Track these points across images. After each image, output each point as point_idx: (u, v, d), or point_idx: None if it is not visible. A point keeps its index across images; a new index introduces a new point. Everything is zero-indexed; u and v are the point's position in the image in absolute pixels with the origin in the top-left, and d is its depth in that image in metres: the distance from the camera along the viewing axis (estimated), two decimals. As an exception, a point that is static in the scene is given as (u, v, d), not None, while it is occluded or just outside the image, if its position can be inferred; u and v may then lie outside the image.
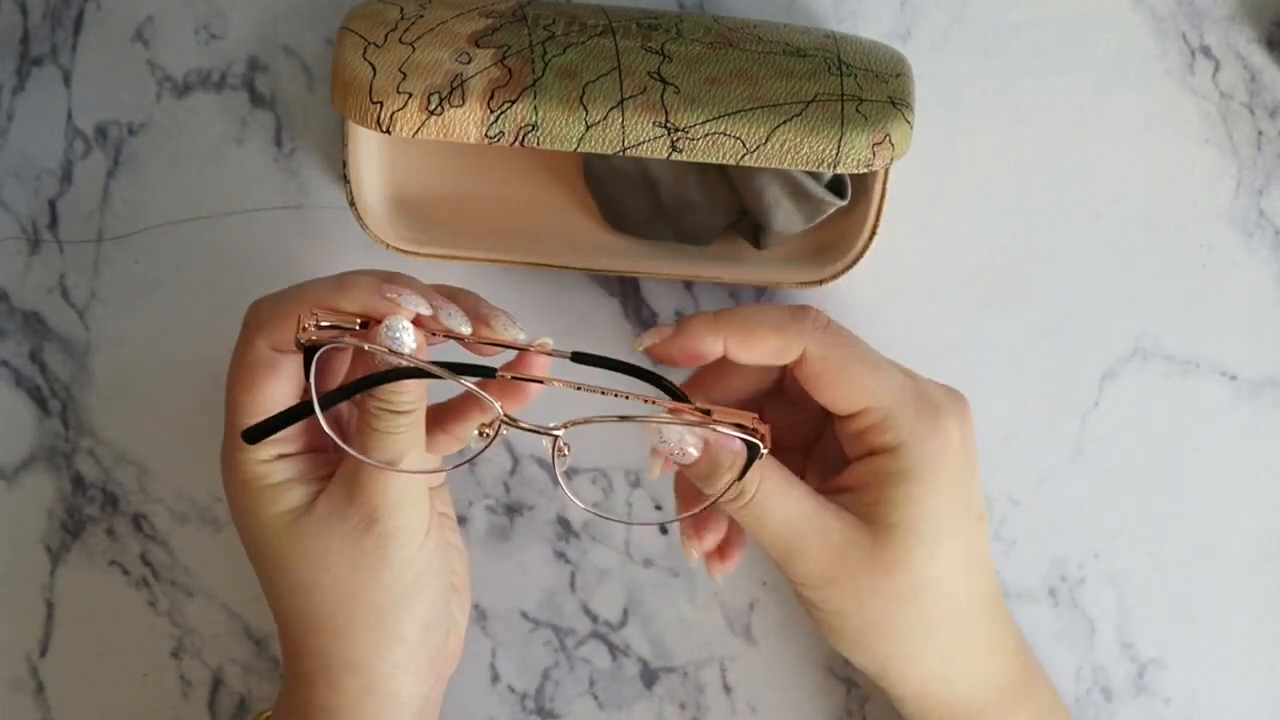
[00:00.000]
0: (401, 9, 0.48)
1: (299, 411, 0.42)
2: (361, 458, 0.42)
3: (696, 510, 0.45)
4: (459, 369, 0.41)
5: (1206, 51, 0.52)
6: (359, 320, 0.41)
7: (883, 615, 0.44)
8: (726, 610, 0.53)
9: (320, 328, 0.41)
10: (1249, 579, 0.52)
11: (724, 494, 0.43)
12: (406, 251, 0.50)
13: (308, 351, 0.41)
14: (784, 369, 0.44)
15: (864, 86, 0.46)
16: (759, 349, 0.43)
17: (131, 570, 0.53)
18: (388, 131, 0.45)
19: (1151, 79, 0.52)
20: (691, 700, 0.53)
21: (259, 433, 0.42)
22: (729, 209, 0.50)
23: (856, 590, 0.44)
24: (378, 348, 0.40)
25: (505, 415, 0.42)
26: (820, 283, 0.50)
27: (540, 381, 0.42)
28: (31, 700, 0.53)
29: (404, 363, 0.40)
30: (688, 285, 0.53)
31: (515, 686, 0.53)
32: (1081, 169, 0.52)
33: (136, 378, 0.53)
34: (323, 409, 0.41)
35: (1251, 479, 0.53)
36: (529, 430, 0.42)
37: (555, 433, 0.42)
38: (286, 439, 0.43)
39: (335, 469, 0.44)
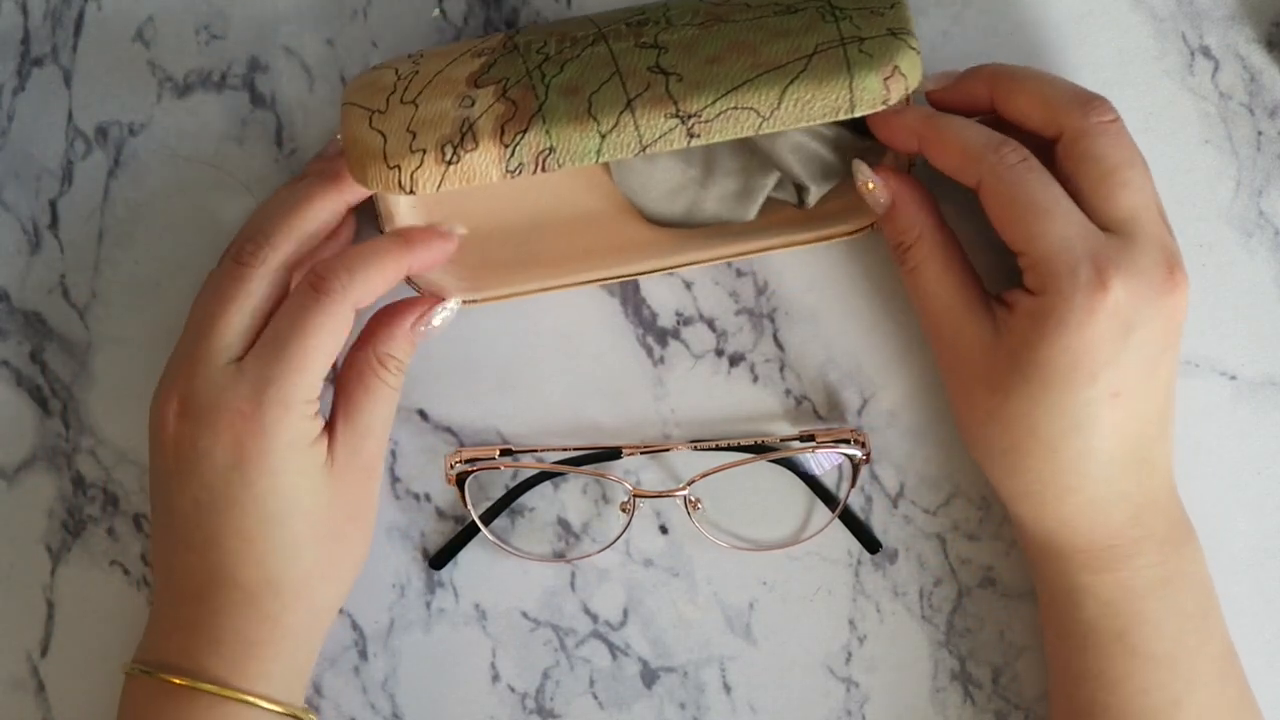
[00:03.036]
0: (396, 70, 0.48)
1: (470, 532, 0.52)
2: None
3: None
4: (582, 460, 0.52)
5: (1206, 52, 0.52)
6: (498, 451, 0.52)
7: (981, 427, 0.47)
8: (726, 610, 0.53)
9: (464, 463, 0.51)
10: (1248, 579, 0.52)
11: (895, 250, 0.48)
12: (466, 301, 0.50)
13: (460, 482, 0.51)
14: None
15: (861, 26, 0.46)
16: (943, 161, 0.46)
17: (132, 570, 0.53)
18: (411, 192, 0.45)
19: (1151, 79, 0.52)
20: (691, 700, 0.53)
21: (446, 557, 0.52)
22: (765, 178, 0.50)
23: (968, 393, 0.47)
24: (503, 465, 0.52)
25: (636, 489, 0.51)
26: (872, 226, 0.50)
27: (667, 450, 0.52)
28: (32, 700, 0.53)
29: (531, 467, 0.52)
30: (687, 285, 0.53)
31: (515, 686, 0.54)
32: (1081, 169, 0.52)
33: (137, 378, 0.52)
34: (486, 525, 0.52)
35: (1251, 479, 0.53)
36: (659, 495, 0.51)
37: (682, 492, 0.51)
38: (314, 401, 0.46)
39: (323, 430, 0.47)
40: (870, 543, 0.52)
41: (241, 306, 0.46)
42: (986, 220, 0.46)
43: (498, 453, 0.52)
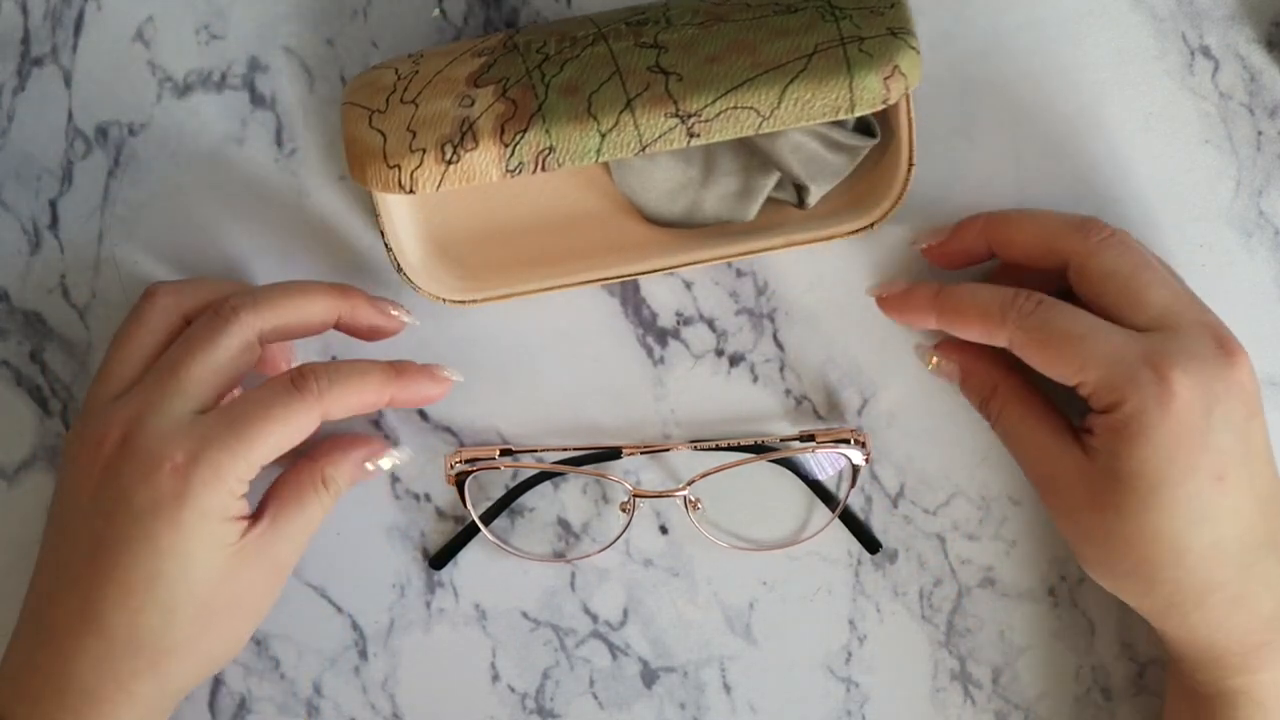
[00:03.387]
0: (396, 70, 0.48)
1: (469, 533, 0.52)
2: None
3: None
4: (582, 460, 0.52)
5: (1206, 51, 0.52)
6: (498, 451, 0.52)
7: (1104, 554, 0.46)
8: (726, 610, 0.53)
9: (464, 463, 0.51)
10: (1249, 579, 0.52)
11: (979, 408, 0.50)
12: (463, 302, 0.50)
13: (459, 483, 0.51)
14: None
15: (861, 25, 0.46)
16: (967, 332, 0.48)
17: (132, 570, 0.53)
18: (411, 192, 0.45)
19: (1151, 79, 0.52)
20: (691, 700, 0.53)
21: (446, 557, 0.52)
22: (764, 178, 0.50)
23: (1080, 525, 0.47)
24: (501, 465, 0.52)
25: (636, 489, 0.51)
26: (872, 225, 0.50)
27: (667, 450, 0.52)
28: (32, 700, 0.53)
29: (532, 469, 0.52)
30: (687, 285, 0.53)
31: (515, 686, 0.53)
32: (1081, 169, 0.52)
33: (137, 378, 0.52)
34: (486, 525, 0.52)
35: (1251, 479, 0.53)
36: (659, 496, 0.51)
37: (682, 493, 0.51)
38: (246, 481, 0.45)
39: (244, 514, 0.46)
40: (870, 543, 0.52)
41: (207, 357, 0.45)
42: None
43: (497, 453, 0.52)
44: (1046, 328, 0.45)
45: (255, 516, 0.47)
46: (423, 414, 0.53)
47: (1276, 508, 0.46)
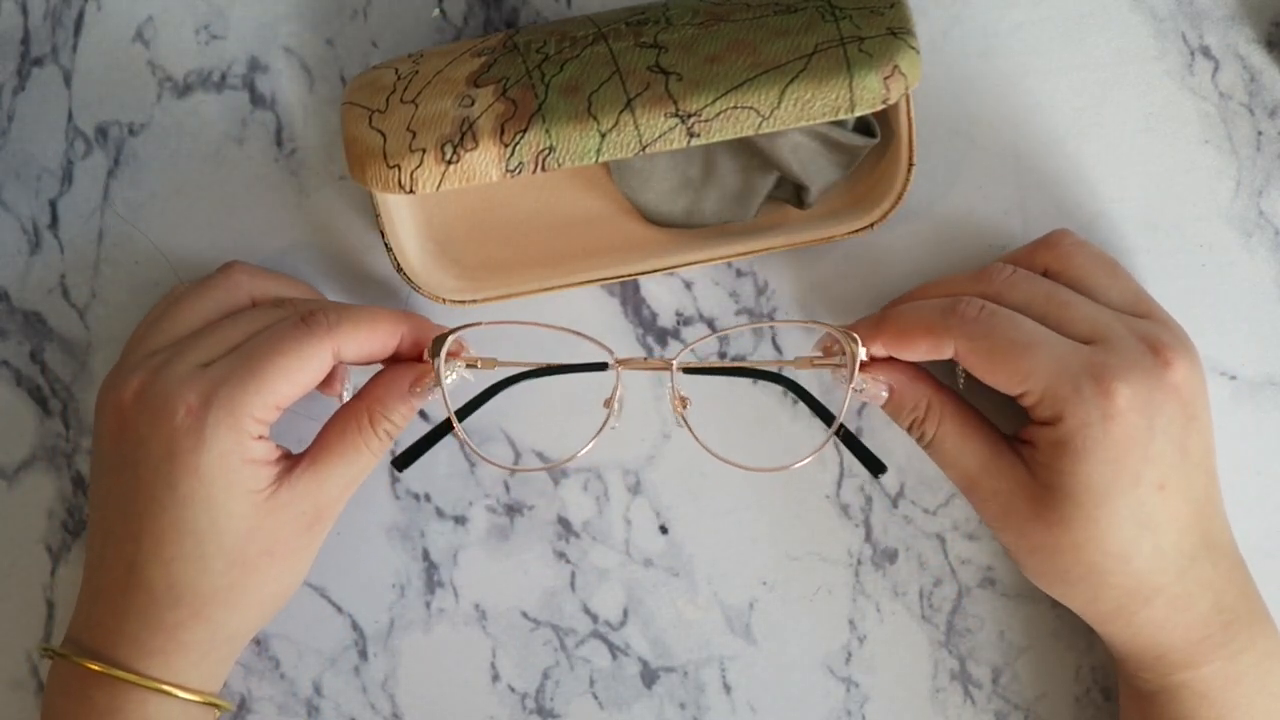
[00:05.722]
0: (396, 70, 0.48)
1: (442, 430, 0.48)
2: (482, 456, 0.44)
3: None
4: (571, 368, 0.48)
5: (1206, 52, 0.52)
6: (478, 361, 0.49)
7: (1050, 564, 0.46)
8: (726, 610, 0.53)
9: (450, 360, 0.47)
10: (1249, 579, 0.52)
11: (909, 429, 0.48)
12: (463, 302, 0.50)
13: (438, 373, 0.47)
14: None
15: (861, 25, 0.46)
16: (914, 350, 0.47)
17: (132, 570, 0.53)
18: (411, 191, 0.45)
19: (1151, 79, 0.52)
20: (691, 700, 0.53)
21: (411, 459, 0.48)
22: (764, 178, 0.51)
23: (1026, 538, 0.46)
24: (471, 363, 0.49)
25: (617, 360, 0.47)
26: (872, 225, 0.50)
27: (664, 368, 0.47)
28: (32, 700, 0.53)
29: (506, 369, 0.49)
30: (687, 285, 0.53)
31: (515, 686, 0.54)
32: (1081, 169, 0.52)
33: (137, 378, 0.53)
34: (460, 421, 0.47)
35: (1251, 479, 0.53)
36: (645, 365, 0.47)
37: (673, 362, 0.47)
38: (264, 422, 0.45)
39: (274, 460, 0.46)
40: (873, 463, 0.48)
41: (289, 364, 0.45)
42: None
43: (479, 361, 0.49)
44: (992, 333, 0.45)
45: (295, 462, 0.47)
46: (423, 414, 0.53)
47: (1211, 509, 0.46)
